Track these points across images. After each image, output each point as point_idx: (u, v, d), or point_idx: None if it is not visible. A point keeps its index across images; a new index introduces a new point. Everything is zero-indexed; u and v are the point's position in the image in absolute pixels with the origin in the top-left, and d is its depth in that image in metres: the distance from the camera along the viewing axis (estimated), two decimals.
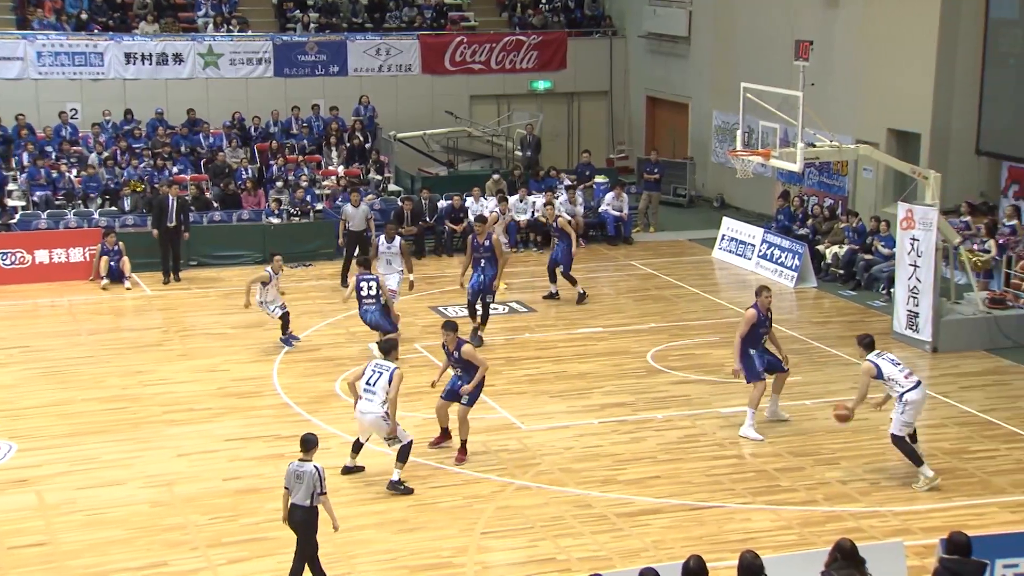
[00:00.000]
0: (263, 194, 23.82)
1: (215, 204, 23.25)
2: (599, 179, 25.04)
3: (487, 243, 16.83)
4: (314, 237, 22.35)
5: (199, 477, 12.63)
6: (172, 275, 20.76)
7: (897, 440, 12.24)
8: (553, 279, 19.29)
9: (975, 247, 18.61)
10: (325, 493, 9.96)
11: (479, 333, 16.70)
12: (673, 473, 12.70)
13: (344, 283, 20.32)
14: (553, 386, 15.44)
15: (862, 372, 12.29)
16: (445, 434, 13.32)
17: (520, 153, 27.48)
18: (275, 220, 22.56)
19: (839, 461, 13.00)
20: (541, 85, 30.13)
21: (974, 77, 20.72)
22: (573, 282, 19.11)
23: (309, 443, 10.11)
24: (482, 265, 16.83)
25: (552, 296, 19.20)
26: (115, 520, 11.63)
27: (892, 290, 18.15)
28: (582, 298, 18.89)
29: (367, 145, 26.31)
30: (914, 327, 17.08)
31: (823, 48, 21.67)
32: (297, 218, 22.75)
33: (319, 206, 23.38)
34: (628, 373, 15.88)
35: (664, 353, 16.56)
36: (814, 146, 17.44)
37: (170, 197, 20.86)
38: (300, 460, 10.05)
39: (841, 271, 20.77)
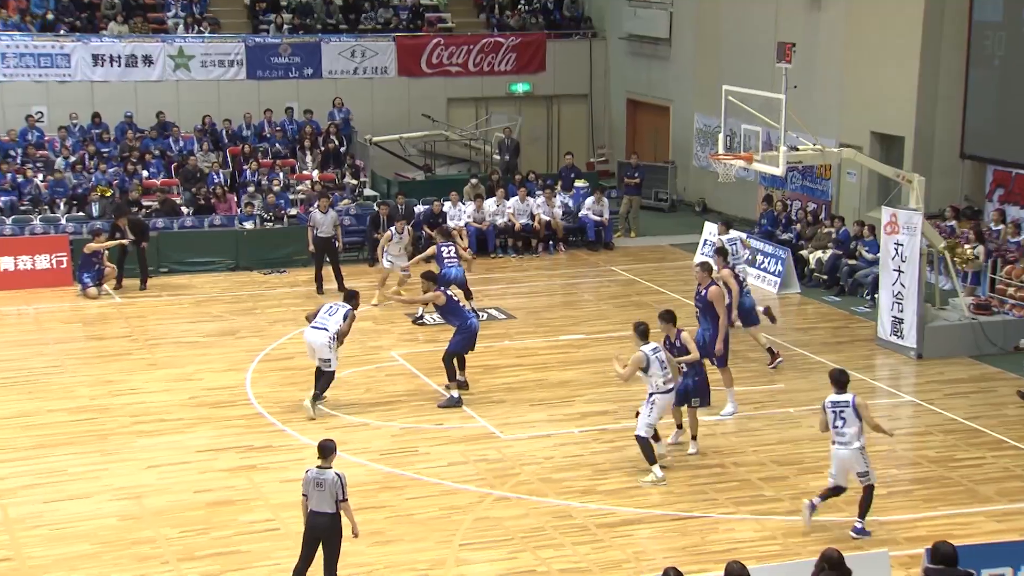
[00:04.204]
0: (235, 199, 23.73)
1: (186, 210, 23.13)
2: (579, 183, 25.07)
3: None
4: (288, 243, 22.27)
5: (170, 489, 12.55)
6: (141, 283, 20.66)
7: (640, 440, 12.54)
8: None
9: (966, 246, 18.70)
10: (346, 500, 10.01)
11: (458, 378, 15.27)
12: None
13: (320, 290, 20.26)
14: (533, 394, 15.43)
15: (631, 361, 12.56)
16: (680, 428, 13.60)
17: (498, 157, 27.48)
18: (248, 226, 22.47)
19: (824, 470, 12.96)
20: (520, 88, 30.14)
21: (958, 79, 20.87)
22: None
23: (327, 449, 10.14)
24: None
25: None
26: (82, 534, 11.54)
27: (876, 296, 18.24)
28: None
29: (342, 149, 26.25)
30: (899, 333, 17.17)
31: (806, 50, 21.78)
32: (270, 224, 22.68)
33: (293, 211, 23.30)
34: (610, 381, 15.86)
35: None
36: (797, 150, 17.51)
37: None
38: (319, 467, 10.07)
39: (825, 276, 20.86)
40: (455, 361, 14.99)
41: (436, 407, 14.87)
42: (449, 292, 15.20)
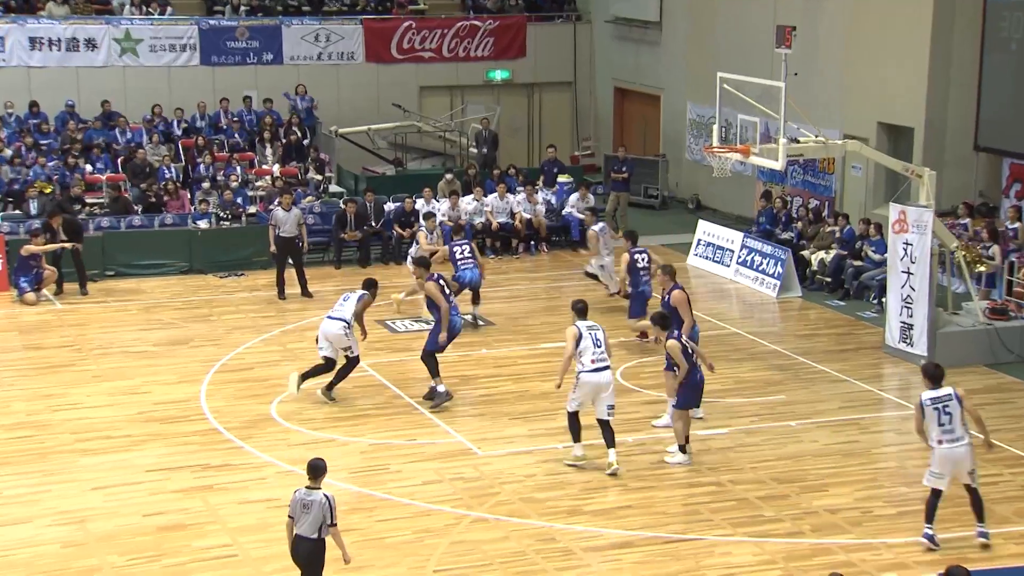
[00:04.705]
0: (188, 196, 23.66)
1: (135, 207, 23.05)
2: (562, 178, 25.12)
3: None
4: (246, 244, 22.22)
5: (117, 513, 12.49)
6: (80, 288, 20.57)
7: (567, 415, 13.30)
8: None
9: (979, 249, 18.81)
10: (335, 525, 9.99)
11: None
12: (646, 502, 12.72)
13: (281, 295, 20.23)
14: (513, 407, 15.44)
15: (567, 336, 13.22)
16: None
17: (475, 150, 27.51)
18: (202, 225, 22.41)
19: (827, 488, 13.10)
20: (498, 75, 30.18)
21: (972, 65, 21.01)
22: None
23: (318, 469, 10.13)
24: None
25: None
26: (20, 563, 11.47)
27: (884, 300, 18.34)
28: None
29: (305, 141, 26.23)
30: (908, 340, 17.27)
31: (807, 34, 21.89)
32: (227, 223, 22.62)
33: (252, 209, 23.26)
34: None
35: (635, 370, 16.62)
36: (798, 142, 17.59)
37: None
38: (307, 488, 10.05)
39: (828, 279, 20.97)
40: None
41: (430, 409, 15.08)
42: (442, 283, 15.45)
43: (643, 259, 17.81)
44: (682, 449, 13.64)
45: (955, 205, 20.71)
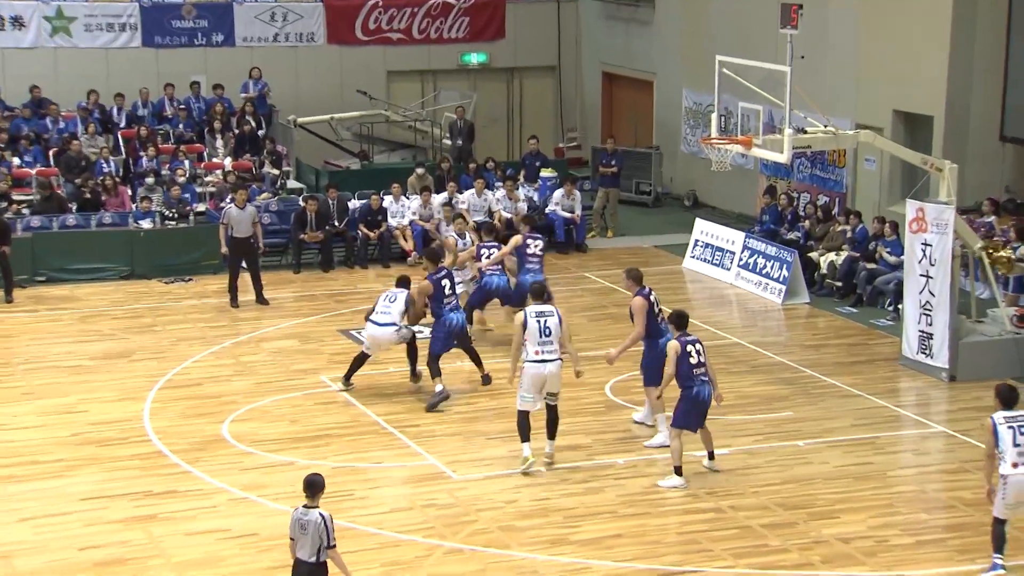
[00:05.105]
0: (130, 193, 23.57)
1: (68, 205, 22.95)
2: (546, 173, 25.14)
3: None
4: (195, 246, 22.16)
5: (47, 547, 12.41)
6: (5, 294, 20.43)
7: (519, 414, 13.70)
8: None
9: (1007, 250, 18.88)
10: (334, 546, 10.08)
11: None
12: (638, 531, 12.72)
13: (234, 302, 20.17)
14: (491, 426, 15.43)
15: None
16: None
17: (449, 142, 27.52)
18: (145, 225, 22.33)
19: (839, 515, 13.12)
20: (474, 59, 30.20)
21: (998, 48, 21.12)
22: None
23: (315, 485, 10.22)
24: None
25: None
26: None
27: (900, 306, 18.41)
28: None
29: (260, 132, 26.18)
30: (927, 351, 17.33)
31: (815, 13, 21.95)
32: (173, 222, 22.56)
33: (201, 207, 23.21)
34: (582, 409, 15.90)
35: (626, 385, 16.62)
36: (805, 132, 17.64)
37: None
38: (304, 507, 10.12)
39: (839, 284, 21.04)
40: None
41: (427, 410, 15.65)
42: (444, 283, 16.05)
43: (536, 245, 18.00)
44: (677, 471, 13.67)
45: (979, 201, 20.81)
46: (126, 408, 16.00)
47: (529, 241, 18.02)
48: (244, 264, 20.29)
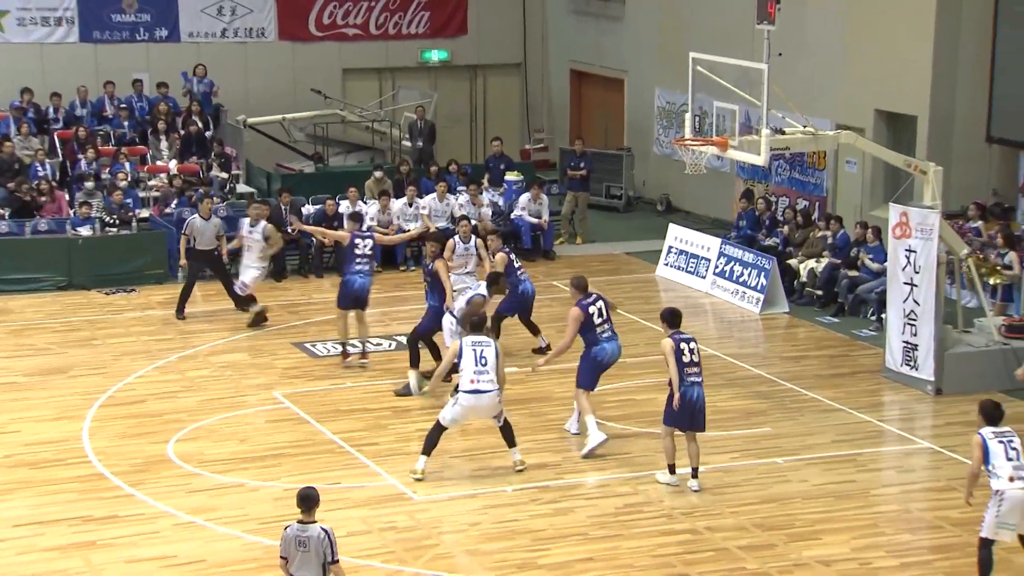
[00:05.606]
0: (67, 197, 23.45)
1: (1, 211, 22.81)
2: (511, 176, 25.18)
3: (430, 266, 17.18)
4: (138, 254, 22.07)
5: None
6: None
7: (435, 424, 14.38)
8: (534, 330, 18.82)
9: (993, 257, 19.04)
10: (337, 561, 10.15)
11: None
12: (609, 554, 12.73)
13: (181, 314, 20.08)
14: (454, 443, 15.43)
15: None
16: None
17: (409, 143, 27.53)
18: (84, 232, 22.23)
19: (820, 535, 13.19)
20: (435, 56, 30.22)
21: (984, 45, 21.30)
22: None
23: (311, 500, 10.28)
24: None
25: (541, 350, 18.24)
26: None
27: (883, 316, 18.53)
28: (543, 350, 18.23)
29: (208, 133, 26.09)
30: (912, 363, 17.45)
31: (794, 8, 22.08)
32: (115, 229, 22.45)
33: (144, 213, 23.09)
34: (551, 425, 15.92)
35: (597, 399, 16.63)
36: (783, 133, 17.74)
37: None
38: (300, 522, 10.16)
39: (819, 292, 21.16)
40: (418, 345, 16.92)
41: (394, 394, 16.70)
42: (436, 268, 16.78)
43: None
44: (671, 469, 14.07)
45: (965, 206, 20.97)
46: (63, 428, 15.91)
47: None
48: (205, 275, 20.28)
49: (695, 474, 14.15)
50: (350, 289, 17.67)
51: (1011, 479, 11.33)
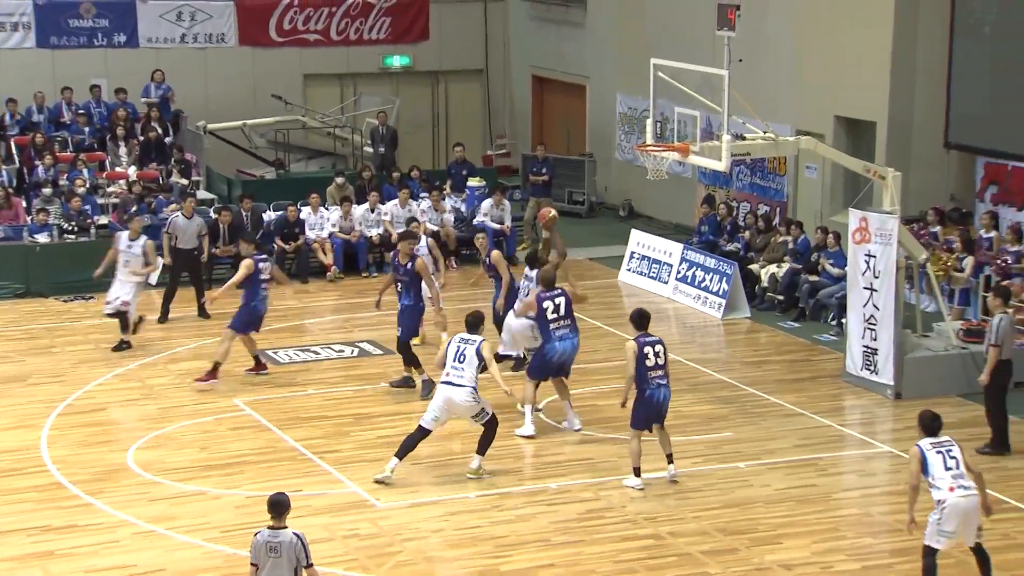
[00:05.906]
0: (24, 204, 23.28)
1: None
2: (473, 182, 25.19)
3: (409, 266, 17.15)
4: (96, 261, 21.81)
5: None
6: None
7: (418, 427, 14.45)
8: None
9: (948, 258, 19.16)
10: (311, 565, 10.15)
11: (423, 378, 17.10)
12: (571, 559, 12.75)
13: (164, 318, 20.03)
14: (417, 450, 15.36)
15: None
16: None
17: (371, 149, 27.48)
18: (42, 239, 22.08)
19: (782, 540, 13.24)
20: (397, 62, 30.19)
21: (941, 51, 21.44)
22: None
23: (280, 505, 10.27)
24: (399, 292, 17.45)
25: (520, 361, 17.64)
26: None
27: (844, 321, 18.63)
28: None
29: (167, 139, 25.97)
30: (871, 367, 17.55)
31: (754, 14, 22.19)
32: (73, 236, 22.32)
33: (103, 219, 22.97)
34: (513, 431, 15.93)
35: (559, 405, 16.67)
36: (744, 139, 17.80)
37: None
38: (271, 528, 10.14)
39: (780, 297, 21.26)
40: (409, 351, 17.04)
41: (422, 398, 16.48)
42: (418, 266, 17.03)
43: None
44: (636, 472, 14.16)
45: (923, 211, 21.09)
46: (21, 436, 15.81)
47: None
48: (184, 276, 20.37)
49: (671, 459, 14.35)
50: (257, 314, 17.72)
51: (951, 489, 11.41)
